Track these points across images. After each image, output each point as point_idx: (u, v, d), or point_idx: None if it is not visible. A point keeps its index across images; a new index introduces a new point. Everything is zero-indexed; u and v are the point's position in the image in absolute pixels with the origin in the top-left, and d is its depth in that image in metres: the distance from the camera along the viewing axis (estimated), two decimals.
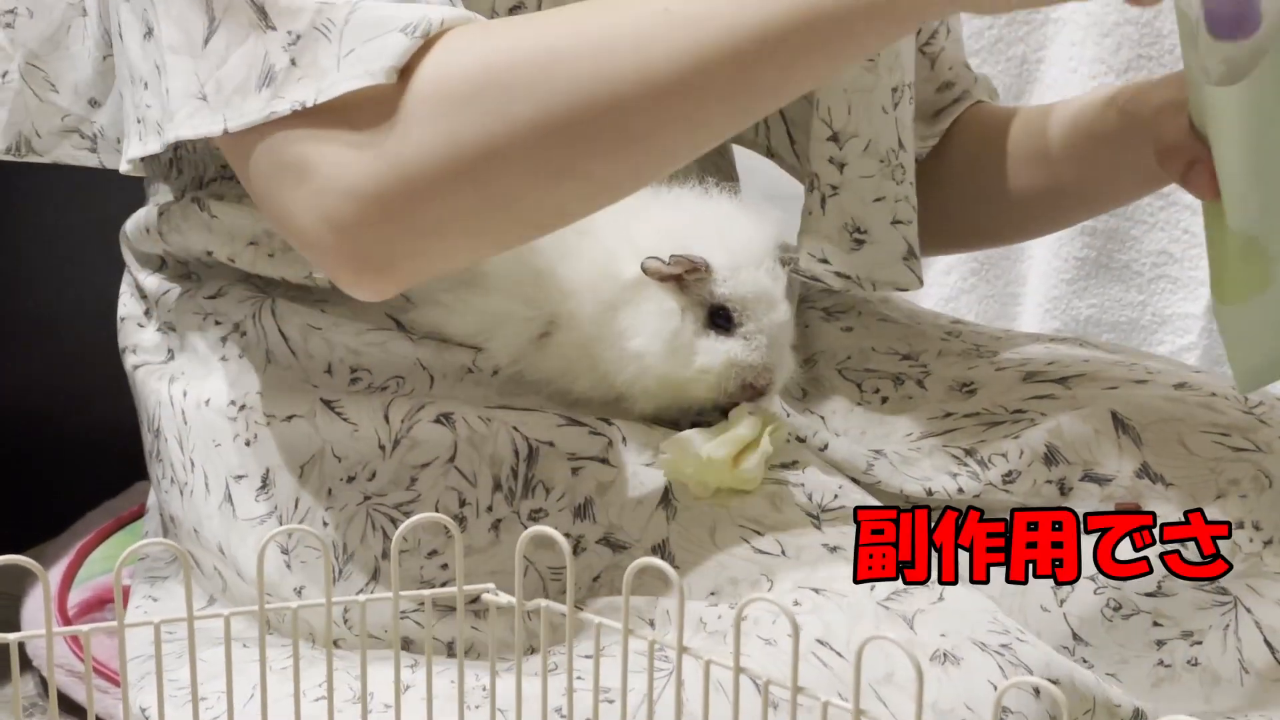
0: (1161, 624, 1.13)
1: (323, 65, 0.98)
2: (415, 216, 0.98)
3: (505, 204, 0.98)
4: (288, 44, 1.00)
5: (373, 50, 0.98)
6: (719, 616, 1.00)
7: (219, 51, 1.02)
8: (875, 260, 1.27)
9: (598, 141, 0.96)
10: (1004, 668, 1.00)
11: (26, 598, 1.42)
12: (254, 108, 1.00)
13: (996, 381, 1.27)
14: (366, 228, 0.98)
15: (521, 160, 0.96)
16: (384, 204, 0.97)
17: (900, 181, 1.27)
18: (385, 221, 0.98)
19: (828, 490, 1.08)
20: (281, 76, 0.99)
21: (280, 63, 0.99)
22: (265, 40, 1.00)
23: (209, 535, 1.22)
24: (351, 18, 0.98)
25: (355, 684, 1.06)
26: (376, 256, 1.00)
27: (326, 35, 0.99)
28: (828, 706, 0.79)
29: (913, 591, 1.02)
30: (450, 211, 0.98)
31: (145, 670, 1.18)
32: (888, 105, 1.26)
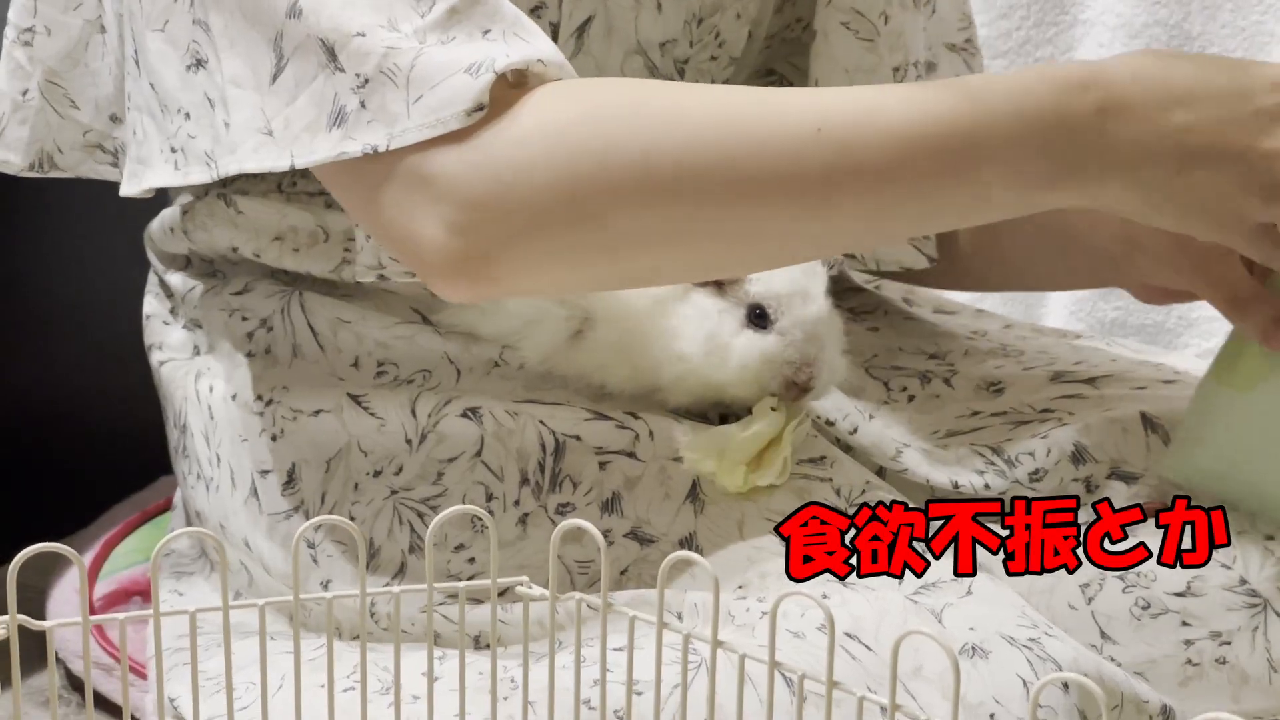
0: (1190, 623, 1.12)
1: (392, 110, 0.98)
2: (528, 243, 0.98)
3: (611, 252, 0.99)
4: (356, 86, 1.00)
5: (441, 97, 0.98)
6: (747, 609, 1.00)
7: (288, 89, 1.02)
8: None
9: (719, 231, 0.97)
10: (1032, 662, 1.00)
11: (52, 590, 1.42)
12: (324, 147, 1.00)
13: (1024, 381, 1.27)
14: (483, 237, 0.98)
15: (633, 225, 0.97)
16: (498, 219, 0.98)
17: None
18: (500, 233, 0.98)
19: (855, 485, 1.08)
20: (353, 119, 0.99)
21: (350, 104, 1.00)
22: (334, 81, 1.00)
23: (235, 530, 1.22)
24: (417, 62, 0.99)
25: (383, 675, 1.06)
26: (482, 267, 0.99)
27: (393, 80, 0.99)
28: (863, 701, 0.79)
29: (941, 585, 1.02)
30: (567, 243, 0.98)
31: (173, 662, 1.18)
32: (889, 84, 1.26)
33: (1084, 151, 0.97)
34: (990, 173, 0.97)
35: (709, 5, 1.24)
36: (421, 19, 1.01)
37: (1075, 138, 0.97)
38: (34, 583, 1.43)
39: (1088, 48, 1.88)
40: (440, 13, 1.01)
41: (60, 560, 1.42)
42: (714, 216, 0.96)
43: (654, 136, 0.96)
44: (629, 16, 1.21)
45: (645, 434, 1.10)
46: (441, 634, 1.09)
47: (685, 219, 0.96)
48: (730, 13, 1.26)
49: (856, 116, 0.96)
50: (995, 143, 0.96)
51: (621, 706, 0.92)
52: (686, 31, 1.24)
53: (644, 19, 1.22)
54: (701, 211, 0.96)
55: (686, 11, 1.24)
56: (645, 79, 1.03)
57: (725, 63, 1.28)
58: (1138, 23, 1.84)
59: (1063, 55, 1.90)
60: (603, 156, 0.96)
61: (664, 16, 1.23)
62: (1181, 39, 1.84)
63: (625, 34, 1.22)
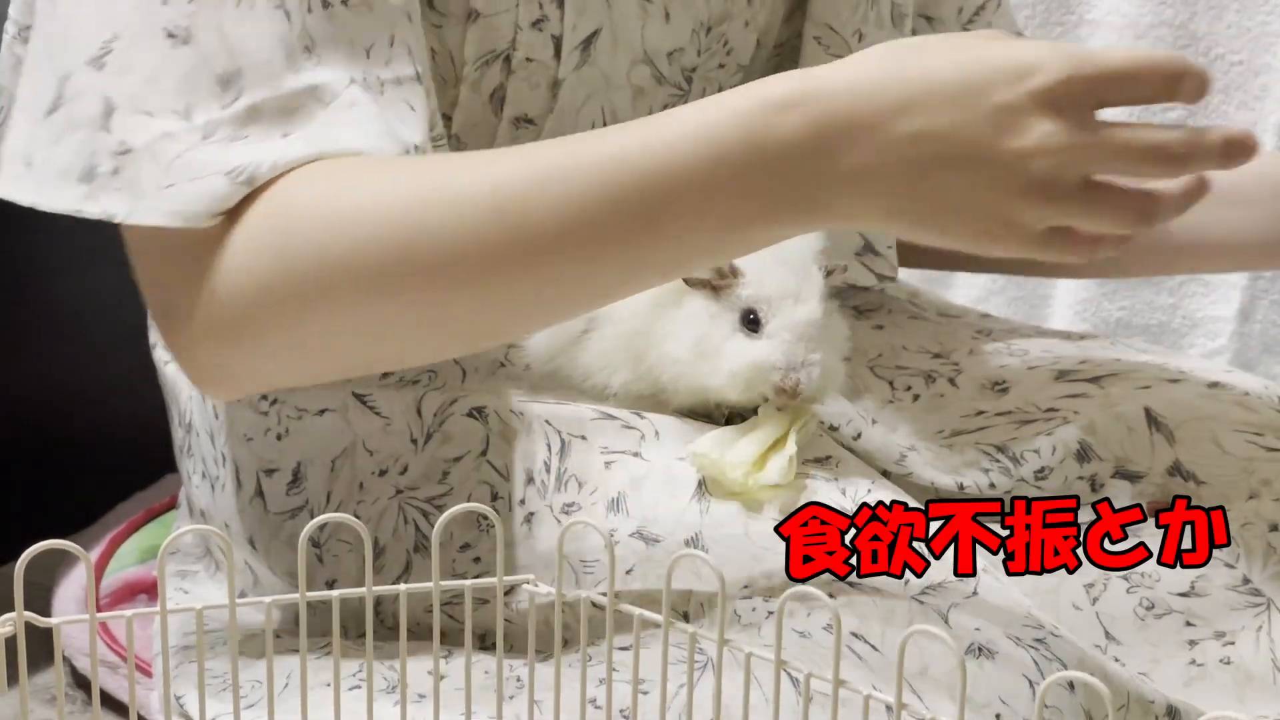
0: (1194, 624, 1.13)
1: (142, 186, 0.98)
2: (242, 345, 0.99)
3: (324, 345, 0.99)
4: (117, 151, 1.00)
5: (191, 192, 0.97)
6: (753, 609, 1.00)
7: (57, 128, 1.02)
8: (828, 255, 1.27)
9: (415, 321, 0.96)
10: (1038, 662, 1.00)
11: (57, 587, 1.42)
12: (66, 198, 1.00)
13: (1029, 380, 1.27)
14: (196, 349, 1.00)
15: (335, 307, 0.96)
16: (213, 332, 0.99)
17: None
18: (215, 346, 1.00)
19: (861, 486, 1.08)
20: (101, 180, 0.99)
21: (104, 166, 0.99)
22: (97, 139, 1.00)
23: (240, 529, 1.22)
24: (186, 154, 0.98)
25: (389, 674, 1.06)
26: (208, 372, 1.02)
27: (155, 160, 0.98)
28: (869, 700, 0.79)
29: (947, 586, 1.02)
30: (276, 344, 0.99)
31: (178, 660, 1.18)
32: None
33: (795, 180, 0.91)
34: (679, 226, 0.92)
35: (717, 14, 1.25)
36: (221, 110, 1.00)
37: (779, 167, 0.91)
38: (40, 580, 1.43)
39: (1093, 47, 1.89)
40: (241, 109, 1.00)
41: (66, 558, 1.42)
42: (401, 309, 0.95)
43: (331, 238, 0.95)
44: (635, 27, 1.22)
45: (651, 434, 1.10)
46: (448, 634, 1.09)
47: (375, 315, 0.95)
48: (739, 21, 1.26)
49: (527, 189, 0.92)
50: (680, 192, 0.91)
51: (627, 706, 0.92)
52: (694, 40, 1.24)
53: (651, 28, 1.22)
54: (387, 306, 0.95)
55: (694, 20, 1.24)
56: (402, 159, 0.99)
57: (733, 70, 1.29)
58: (1143, 23, 1.84)
59: None
60: (284, 259, 0.96)
61: (672, 25, 1.23)
62: (1187, 39, 1.84)
63: (632, 44, 1.22)
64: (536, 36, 1.19)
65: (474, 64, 1.18)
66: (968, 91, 0.89)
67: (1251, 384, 1.23)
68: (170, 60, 1.01)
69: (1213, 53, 1.84)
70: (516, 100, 1.21)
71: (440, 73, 1.18)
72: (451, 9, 1.16)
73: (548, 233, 0.92)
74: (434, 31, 1.17)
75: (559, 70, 1.20)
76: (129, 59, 1.02)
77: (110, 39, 1.03)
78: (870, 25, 1.25)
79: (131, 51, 1.02)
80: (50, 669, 1.09)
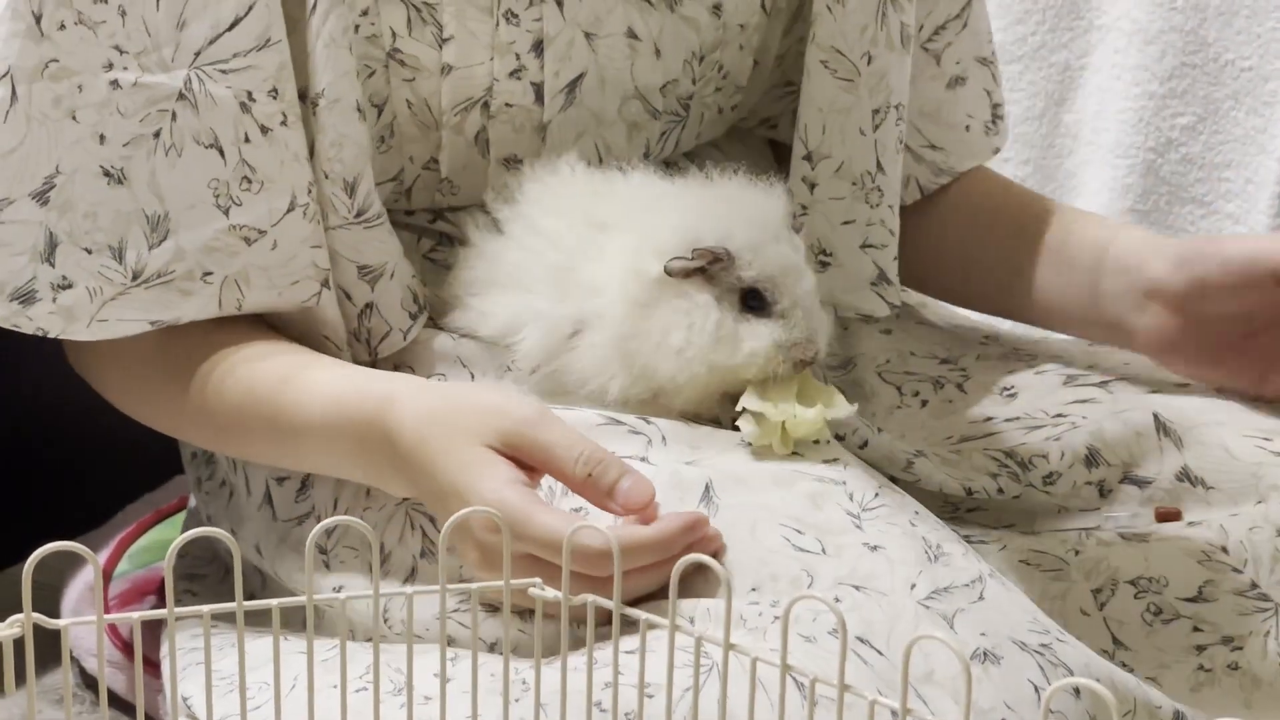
0: (1202, 629, 1.12)
1: (76, 314, 1.13)
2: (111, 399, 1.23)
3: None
4: (59, 285, 1.13)
5: (120, 330, 1.14)
6: (759, 614, 1.00)
7: None
8: (839, 284, 1.27)
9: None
10: (1044, 667, 1.00)
11: (66, 589, 1.42)
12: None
13: (1037, 385, 1.27)
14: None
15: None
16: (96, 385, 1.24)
17: (875, 205, 1.27)
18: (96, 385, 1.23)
19: (868, 489, 1.08)
20: (41, 305, 1.13)
21: (43, 295, 1.13)
22: (39, 270, 1.12)
23: (248, 535, 1.22)
24: (119, 298, 1.13)
25: (396, 677, 1.06)
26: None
27: (92, 299, 1.13)
28: (874, 705, 0.79)
29: (953, 591, 1.02)
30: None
31: (186, 662, 1.18)
32: (866, 127, 1.25)
33: (381, 463, 1.09)
34: (318, 464, 1.14)
35: (710, 42, 1.24)
36: (149, 251, 1.13)
37: (377, 450, 1.09)
38: (49, 581, 1.43)
39: (1103, 53, 1.88)
40: (169, 249, 1.13)
41: (74, 560, 1.42)
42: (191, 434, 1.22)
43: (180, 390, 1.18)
44: (624, 66, 1.21)
45: (658, 438, 1.10)
46: (455, 638, 1.09)
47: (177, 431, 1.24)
48: (733, 46, 1.25)
49: (244, 405, 1.15)
50: (314, 445, 1.12)
51: (633, 709, 0.92)
52: (687, 70, 1.24)
53: (640, 66, 1.22)
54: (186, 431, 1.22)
55: (686, 51, 1.23)
56: (235, 358, 1.17)
57: (731, 91, 1.28)
58: (1153, 29, 1.84)
59: (1078, 60, 1.90)
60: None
61: (663, 61, 1.23)
62: (1197, 44, 1.84)
63: (621, 83, 1.22)
64: (515, 84, 1.19)
65: (452, 111, 1.19)
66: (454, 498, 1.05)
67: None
68: (109, 199, 1.11)
69: (1223, 58, 1.84)
70: (501, 142, 1.21)
71: (420, 120, 1.19)
72: (423, 64, 1.17)
73: (240, 429, 1.16)
74: (406, 85, 1.18)
75: (543, 114, 1.20)
76: (69, 195, 1.11)
77: (52, 174, 1.11)
78: (880, 47, 1.25)
79: (71, 187, 1.11)
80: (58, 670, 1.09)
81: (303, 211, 1.14)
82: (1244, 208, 1.85)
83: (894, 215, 1.28)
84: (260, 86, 1.12)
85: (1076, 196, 1.91)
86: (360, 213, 1.16)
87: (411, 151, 1.21)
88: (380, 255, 1.17)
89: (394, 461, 1.08)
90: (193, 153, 1.12)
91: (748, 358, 1.10)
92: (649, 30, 1.21)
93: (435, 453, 1.05)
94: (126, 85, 1.11)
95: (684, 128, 1.27)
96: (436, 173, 1.22)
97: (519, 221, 1.17)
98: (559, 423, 1.05)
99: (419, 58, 1.17)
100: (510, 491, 1.01)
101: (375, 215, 1.16)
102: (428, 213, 1.24)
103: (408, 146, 1.20)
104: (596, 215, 1.15)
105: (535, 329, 1.14)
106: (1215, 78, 1.84)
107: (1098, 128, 1.89)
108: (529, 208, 1.17)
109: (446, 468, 1.04)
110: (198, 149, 1.12)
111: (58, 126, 1.11)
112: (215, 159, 1.12)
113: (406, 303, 1.19)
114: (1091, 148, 1.90)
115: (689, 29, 1.22)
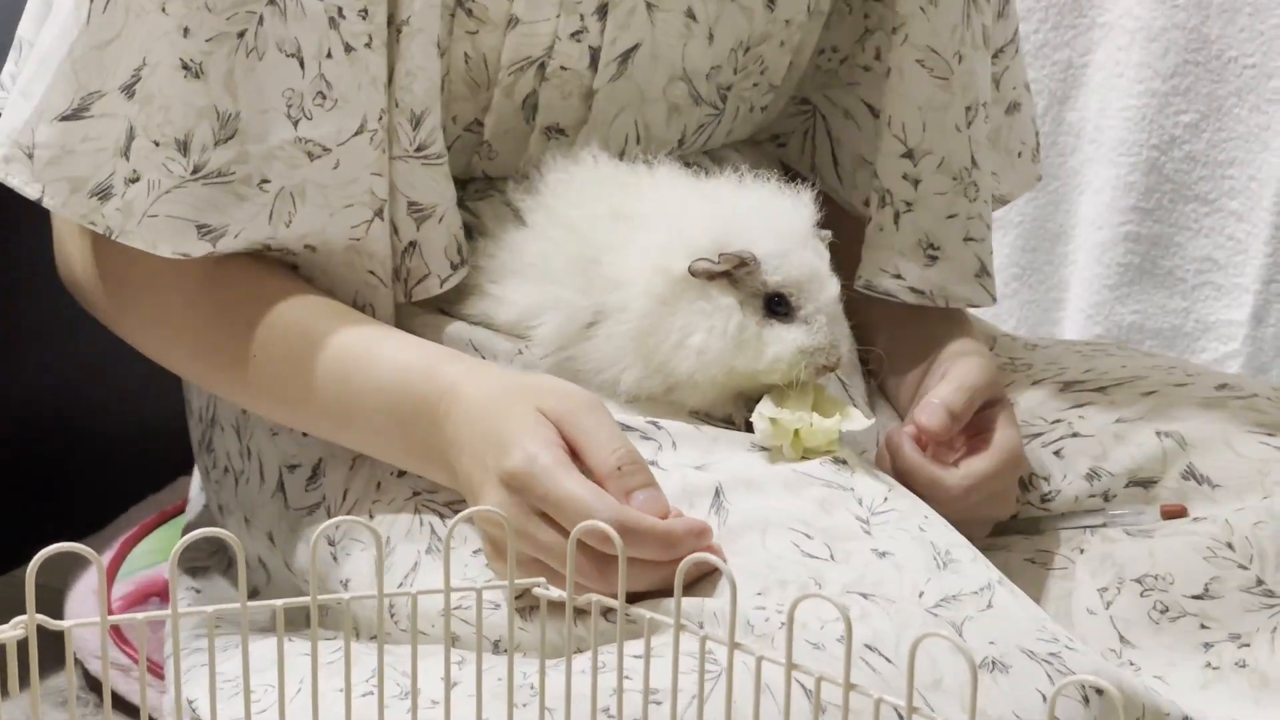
0: (1209, 626, 1.12)
1: (134, 209, 1.12)
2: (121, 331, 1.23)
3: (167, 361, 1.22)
4: (129, 179, 1.12)
5: (167, 229, 1.13)
6: (766, 619, 0.99)
7: (73, 138, 1.12)
8: (949, 276, 1.27)
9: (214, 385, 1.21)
10: (1052, 676, 0.99)
11: (70, 591, 1.42)
12: (78, 206, 1.13)
13: (1034, 394, 1.27)
14: (90, 307, 1.23)
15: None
16: (103, 315, 1.23)
17: (973, 199, 1.27)
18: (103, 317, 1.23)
19: (877, 495, 1.08)
20: (113, 200, 1.12)
21: (118, 190, 1.12)
22: (117, 164, 1.12)
23: (260, 523, 1.22)
24: (175, 190, 1.12)
25: (402, 680, 1.06)
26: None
27: (150, 190, 1.12)
28: (880, 704, 0.79)
29: (961, 598, 1.02)
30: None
31: (190, 664, 1.18)
32: (960, 123, 1.26)
33: (430, 447, 1.10)
34: (358, 439, 1.15)
35: (758, 34, 1.25)
36: (215, 147, 1.13)
37: (429, 433, 1.10)
38: (53, 583, 1.43)
39: (1106, 50, 1.88)
40: (233, 152, 1.12)
41: (78, 561, 1.42)
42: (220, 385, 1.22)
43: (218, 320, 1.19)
44: (677, 44, 1.22)
45: (668, 443, 1.10)
46: (461, 637, 1.09)
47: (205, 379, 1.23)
48: (775, 41, 1.26)
49: (307, 365, 1.15)
50: (363, 419, 1.13)
51: (639, 716, 0.92)
52: (732, 59, 1.25)
53: (692, 47, 1.22)
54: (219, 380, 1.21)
55: (735, 40, 1.24)
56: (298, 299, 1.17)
57: (765, 89, 1.29)
58: (1156, 26, 1.84)
59: (1080, 58, 1.90)
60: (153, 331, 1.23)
61: (714, 46, 1.23)
62: (1200, 42, 1.83)
63: (671, 61, 1.22)
64: (574, 46, 1.19)
65: (508, 69, 1.19)
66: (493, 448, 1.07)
67: (1259, 386, 1.24)
68: (183, 92, 1.10)
69: (1225, 55, 1.83)
70: (549, 108, 1.21)
71: (473, 76, 1.19)
72: (491, 15, 1.17)
73: (293, 393, 1.16)
74: (468, 38, 1.17)
75: (594, 81, 1.20)
76: (151, 87, 1.10)
77: (139, 66, 1.10)
78: (967, 46, 1.26)
79: (153, 79, 1.10)
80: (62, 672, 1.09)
81: (370, 137, 1.13)
82: (1247, 205, 1.84)
83: (989, 209, 1.29)
84: (352, 4, 1.11)
85: (1080, 194, 1.91)
86: (421, 147, 1.15)
87: (457, 110, 1.21)
88: (432, 196, 1.17)
89: (440, 444, 1.09)
90: (273, 58, 1.11)
91: (771, 363, 1.10)
92: (707, 13, 1.22)
93: (489, 415, 1.07)
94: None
95: (720, 122, 1.27)
96: (479, 135, 1.22)
97: (541, 212, 1.18)
98: (609, 417, 1.06)
99: (488, 9, 1.17)
100: (545, 452, 1.03)
101: (435, 154, 1.16)
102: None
103: (454, 105, 1.20)
104: (622, 208, 1.15)
105: (554, 316, 1.14)
106: (1218, 75, 1.84)
107: (1101, 125, 1.89)
108: (551, 199, 1.18)
109: (497, 418, 1.06)
110: (279, 56, 1.11)
111: (150, 19, 1.10)
112: (294, 69, 1.12)
113: (450, 251, 1.18)
114: (1094, 145, 1.90)
115: (743, 17, 1.23)
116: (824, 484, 1.08)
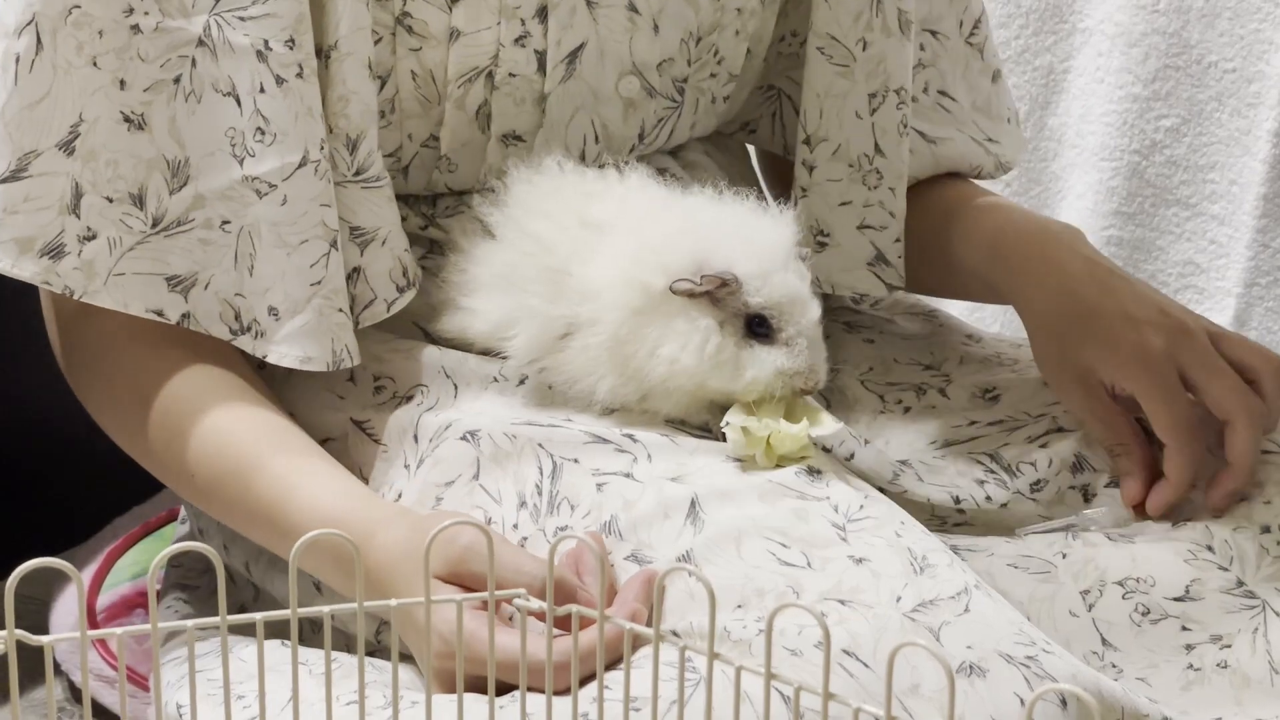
0: (1190, 628, 1.13)
1: (97, 269, 1.13)
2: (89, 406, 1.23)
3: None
4: (84, 237, 1.13)
5: (136, 286, 1.14)
6: (744, 628, 1.00)
7: (13, 199, 1.13)
8: (835, 264, 1.28)
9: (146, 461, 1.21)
10: (1030, 680, 1.00)
11: (55, 602, 1.42)
12: (29, 268, 1.14)
13: (1020, 387, 1.27)
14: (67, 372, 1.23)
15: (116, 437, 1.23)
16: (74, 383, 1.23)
17: (874, 187, 1.28)
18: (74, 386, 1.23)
19: (853, 502, 1.08)
20: (68, 260, 1.13)
21: (71, 248, 1.13)
22: (66, 222, 1.13)
23: (238, 553, 1.23)
24: (138, 247, 1.13)
25: (388, 693, 1.06)
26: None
27: (112, 248, 1.13)
28: (859, 713, 0.79)
29: (939, 603, 1.02)
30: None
31: (181, 672, 1.18)
32: (863, 110, 1.27)
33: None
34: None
35: (708, 24, 1.25)
36: (169, 196, 1.13)
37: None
38: (38, 595, 1.43)
39: (1086, 56, 1.89)
40: (187, 196, 1.13)
41: (63, 573, 1.42)
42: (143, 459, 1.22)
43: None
44: (623, 39, 1.22)
45: (644, 456, 1.10)
46: None
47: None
48: (729, 30, 1.26)
49: (220, 471, 1.15)
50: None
51: None
52: (684, 50, 1.25)
53: (639, 41, 1.22)
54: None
55: (683, 30, 1.24)
56: (231, 390, 1.17)
57: (725, 79, 1.29)
58: (1136, 31, 1.84)
59: (1061, 64, 1.90)
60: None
61: (661, 37, 1.23)
62: (1180, 47, 1.84)
63: (619, 56, 1.22)
64: (519, 52, 1.19)
65: (456, 82, 1.19)
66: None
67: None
68: (129, 145, 1.11)
69: (1205, 60, 1.84)
70: (503, 116, 1.21)
71: (423, 93, 1.19)
72: (431, 30, 1.17)
73: (236, 522, 1.16)
74: (412, 55, 1.18)
75: (544, 85, 1.21)
76: (93, 143, 1.11)
77: (76, 122, 1.11)
78: (876, 33, 1.26)
79: (94, 135, 1.11)
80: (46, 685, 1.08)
81: (314, 168, 1.14)
82: (1229, 209, 1.85)
83: (895, 197, 1.29)
84: (277, 35, 1.11)
85: (1061, 199, 1.91)
86: (359, 172, 1.16)
87: (411, 128, 1.21)
88: (374, 220, 1.17)
89: (369, 589, 1.08)
90: (211, 99, 1.12)
91: (749, 384, 1.10)
92: (649, 6, 1.22)
93: (400, 590, 1.06)
94: (147, 30, 1.11)
95: (680, 115, 1.28)
96: (435, 150, 1.22)
97: (509, 225, 1.17)
98: (504, 548, 1.05)
99: (428, 23, 1.17)
100: (468, 617, 0.99)
101: (374, 177, 1.16)
102: (420, 218, 1.24)
103: (408, 123, 1.21)
104: (590, 216, 1.15)
105: (527, 327, 1.14)
106: (1199, 80, 1.84)
107: (1082, 131, 1.89)
108: (518, 210, 1.17)
109: (407, 594, 1.05)
110: (216, 96, 1.12)
111: (80, 74, 1.11)
112: (232, 107, 1.12)
113: (395, 274, 1.18)
114: (1076, 151, 1.90)
115: (688, 7, 1.24)
116: (799, 492, 1.08)
